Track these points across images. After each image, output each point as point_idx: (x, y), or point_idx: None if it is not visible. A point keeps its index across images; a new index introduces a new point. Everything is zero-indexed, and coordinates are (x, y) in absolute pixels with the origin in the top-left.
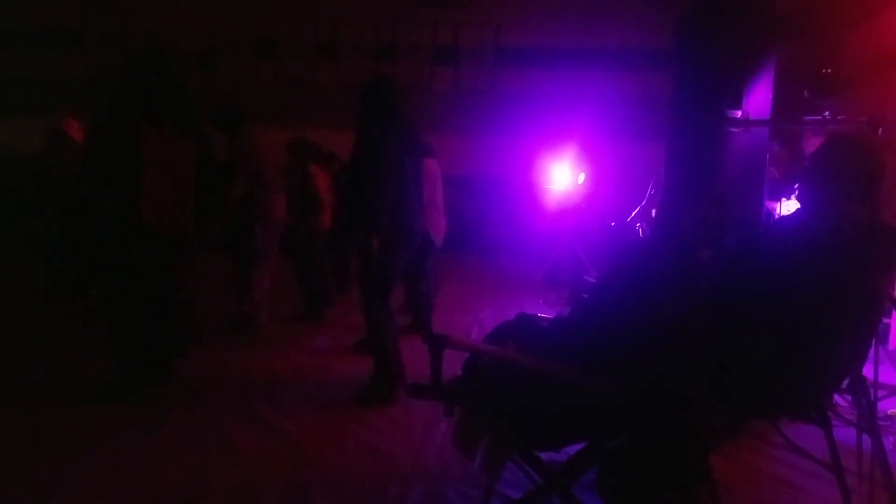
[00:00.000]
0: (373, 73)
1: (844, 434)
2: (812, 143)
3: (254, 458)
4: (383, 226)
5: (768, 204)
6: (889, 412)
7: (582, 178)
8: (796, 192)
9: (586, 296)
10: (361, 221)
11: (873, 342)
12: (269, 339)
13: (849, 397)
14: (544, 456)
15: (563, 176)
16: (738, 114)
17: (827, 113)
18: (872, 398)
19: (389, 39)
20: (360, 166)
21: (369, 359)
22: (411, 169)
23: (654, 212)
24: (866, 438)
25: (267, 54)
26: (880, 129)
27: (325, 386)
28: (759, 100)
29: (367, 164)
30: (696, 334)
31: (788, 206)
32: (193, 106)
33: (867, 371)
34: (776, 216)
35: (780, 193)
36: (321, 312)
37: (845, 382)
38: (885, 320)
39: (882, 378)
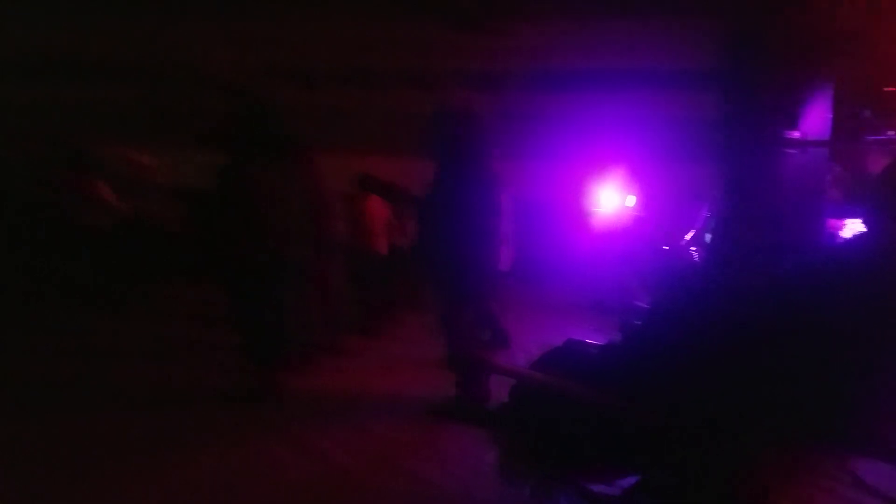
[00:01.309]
0: (446, 101)
1: None
2: (876, 164)
3: (298, 482)
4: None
5: (830, 226)
6: None
7: (631, 200)
8: (860, 215)
9: (638, 322)
10: (441, 253)
11: None
12: (327, 360)
13: None
14: (596, 488)
15: (610, 199)
16: (795, 134)
17: (891, 132)
18: None
19: (427, 66)
20: (441, 196)
21: (426, 378)
22: (487, 198)
23: (708, 236)
24: None
25: (309, 84)
26: None
27: (374, 410)
28: (816, 120)
29: (447, 194)
30: (753, 362)
31: (852, 229)
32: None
33: None
34: (838, 239)
35: (843, 215)
36: (375, 330)
37: None
38: None
39: None
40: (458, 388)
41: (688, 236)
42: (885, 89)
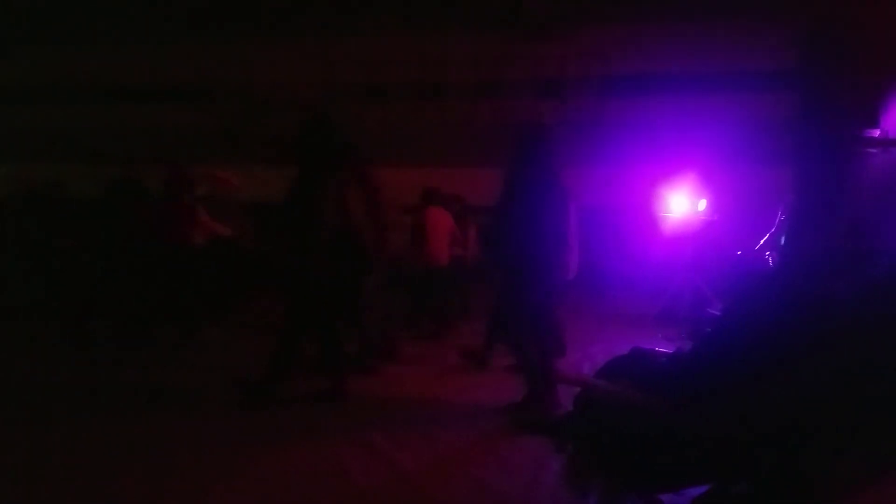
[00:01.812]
0: (530, 117)
1: None
2: None
3: (365, 487)
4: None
5: None
6: None
7: (702, 205)
8: None
9: (710, 330)
10: (516, 261)
11: None
12: (390, 367)
13: None
14: (664, 498)
15: (680, 203)
16: (876, 133)
17: None
18: None
19: (493, 77)
20: (512, 206)
21: (491, 385)
22: (560, 208)
23: (783, 240)
24: None
25: (377, 98)
26: None
27: (438, 416)
28: None
29: (518, 203)
30: (829, 372)
31: None
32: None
33: None
34: None
35: None
36: (440, 334)
37: None
38: None
39: None
40: (525, 396)
41: (762, 241)
42: None
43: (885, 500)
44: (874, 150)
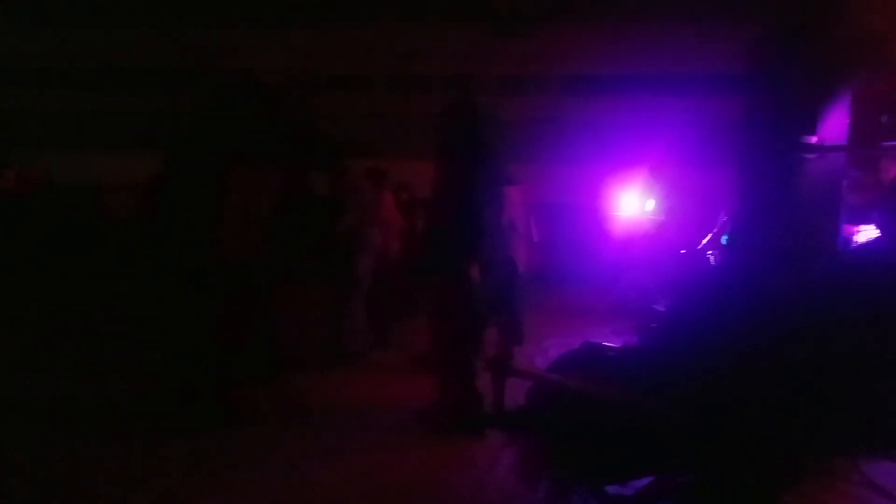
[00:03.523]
0: (456, 99)
1: None
2: (890, 170)
3: (325, 486)
4: (482, 254)
5: (846, 231)
6: None
7: (651, 204)
8: (876, 220)
9: (655, 325)
10: (459, 251)
11: None
12: (358, 368)
13: None
14: (611, 489)
15: (631, 203)
16: (814, 140)
17: None
18: None
19: (459, 70)
20: (449, 194)
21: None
22: (496, 196)
23: (725, 239)
24: None
25: (345, 89)
26: None
27: (395, 417)
28: (835, 125)
29: (456, 192)
30: (771, 366)
31: (867, 234)
32: (284, 140)
33: None
34: (854, 244)
35: (860, 220)
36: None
37: None
38: None
39: None
40: (468, 394)
41: (705, 240)
42: None
43: (827, 491)
44: (812, 156)
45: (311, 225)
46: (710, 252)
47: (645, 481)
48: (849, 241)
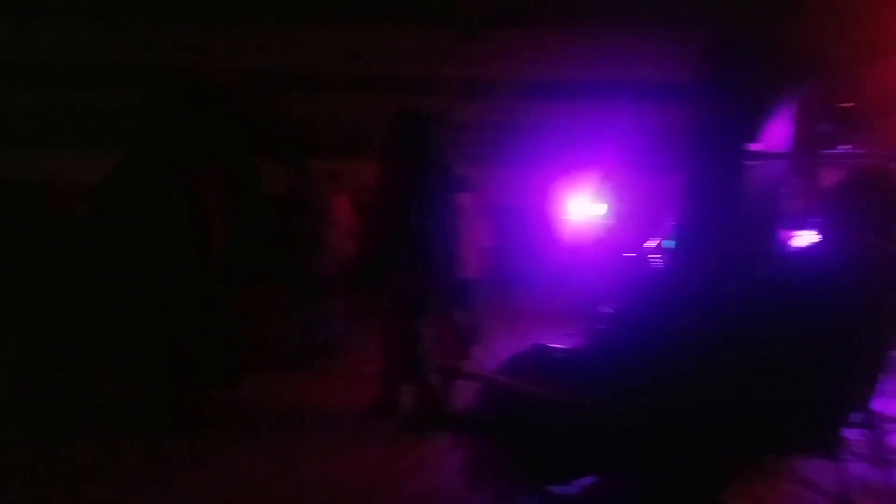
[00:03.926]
0: (406, 106)
1: (854, 468)
2: (829, 177)
3: (275, 494)
4: (426, 260)
5: (787, 235)
6: None
7: (601, 208)
8: (816, 225)
9: (603, 327)
10: (403, 256)
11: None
12: (318, 371)
13: (860, 431)
14: (556, 489)
15: (581, 207)
16: (758, 147)
17: (846, 147)
18: (882, 432)
19: (419, 73)
20: (397, 200)
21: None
22: (447, 202)
23: (670, 243)
24: (876, 472)
25: (298, 88)
26: None
27: (346, 421)
28: (778, 133)
29: (404, 197)
30: (712, 368)
31: (806, 239)
32: (235, 139)
33: (877, 404)
34: (795, 249)
35: (800, 225)
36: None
37: (856, 416)
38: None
39: (893, 411)
40: (424, 396)
41: (652, 244)
42: (842, 105)
43: (764, 488)
44: (755, 163)
45: (267, 226)
46: (656, 255)
47: (590, 481)
48: (789, 245)
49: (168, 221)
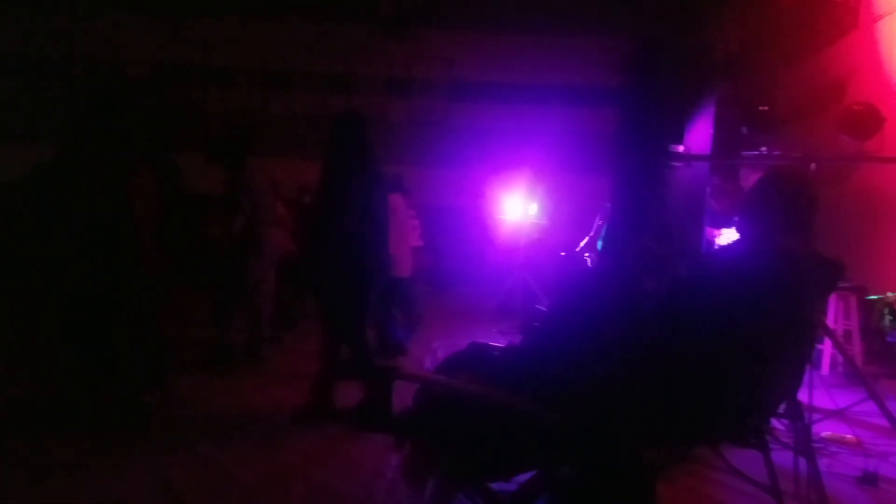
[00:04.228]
0: (343, 108)
1: (781, 457)
2: (748, 177)
3: (195, 494)
4: (361, 261)
5: (708, 234)
6: (823, 435)
7: (534, 209)
8: (735, 224)
9: (538, 324)
10: (333, 255)
11: (808, 368)
12: (243, 375)
13: (786, 421)
14: (495, 486)
15: (515, 207)
16: (680, 149)
17: (763, 148)
18: (808, 422)
19: (344, 70)
20: (330, 200)
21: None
22: (379, 203)
23: (601, 242)
24: (802, 461)
25: (220, 83)
26: (813, 165)
27: (278, 422)
28: (700, 136)
29: (337, 198)
30: (640, 363)
31: (728, 237)
32: (154, 135)
33: (802, 396)
34: (716, 247)
35: (720, 224)
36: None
37: (782, 407)
38: (819, 347)
39: (816, 402)
40: (362, 397)
41: (583, 243)
42: (759, 109)
43: (693, 477)
44: (679, 164)
45: (194, 225)
46: (587, 254)
47: (528, 476)
48: (711, 243)
49: (98, 216)
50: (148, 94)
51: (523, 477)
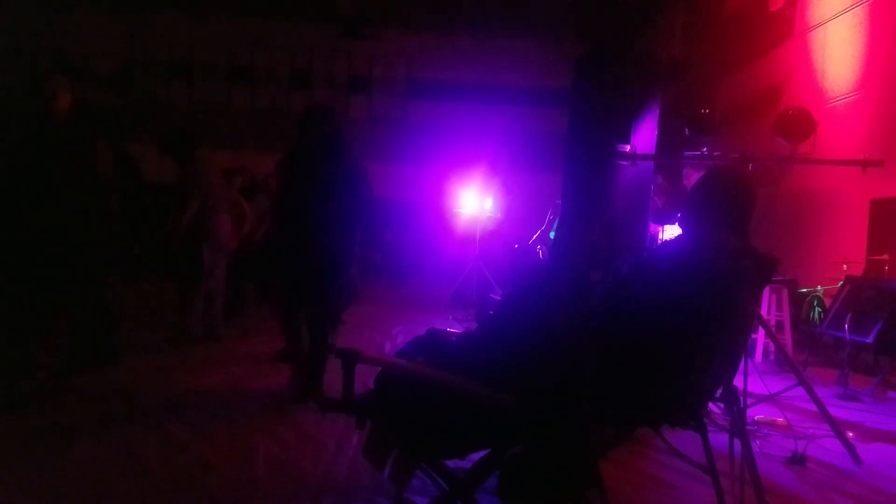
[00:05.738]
0: (305, 103)
1: (718, 439)
2: (690, 176)
3: (160, 478)
4: (325, 252)
5: (652, 229)
6: (756, 418)
7: (489, 203)
8: (677, 220)
9: (491, 312)
10: (302, 248)
11: (743, 356)
12: (202, 355)
13: (722, 405)
14: (450, 463)
15: (470, 201)
16: (627, 148)
17: (704, 149)
18: (742, 406)
19: (306, 67)
20: (298, 193)
21: (287, 369)
22: (347, 196)
23: (552, 236)
24: (737, 442)
25: (183, 77)
26: (750, 165)
27: (239, 401)
28: (645, 136)
29: (305, 191)
30: (587, 350)
31: (670, 232)
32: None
33: (737, 382)
34: (659, 241)
35: (663, 220)
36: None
37: (719, 392)
38: (753, 336)
39: (750, 388)
40: (316, 380)
41: (535, 236)
42: (701, 112)
43: (635, 457)
44: (625, 163)
45: (149, 211)
46: (538, 247)
47: (481, 454)
48: (654, 238)
49: (61, 190)
50: (112, 87)
51: (477, 455)
